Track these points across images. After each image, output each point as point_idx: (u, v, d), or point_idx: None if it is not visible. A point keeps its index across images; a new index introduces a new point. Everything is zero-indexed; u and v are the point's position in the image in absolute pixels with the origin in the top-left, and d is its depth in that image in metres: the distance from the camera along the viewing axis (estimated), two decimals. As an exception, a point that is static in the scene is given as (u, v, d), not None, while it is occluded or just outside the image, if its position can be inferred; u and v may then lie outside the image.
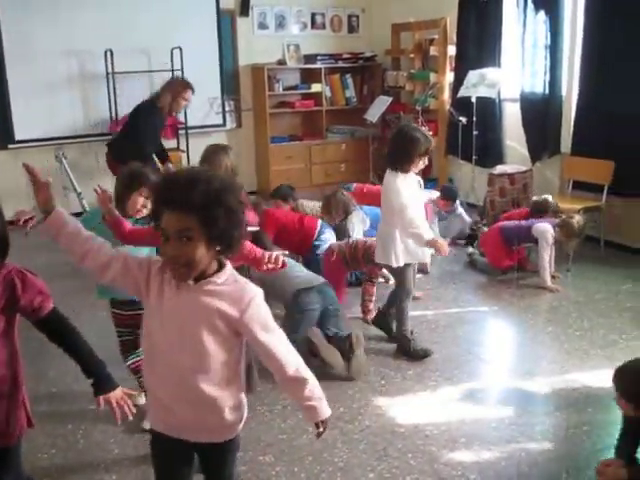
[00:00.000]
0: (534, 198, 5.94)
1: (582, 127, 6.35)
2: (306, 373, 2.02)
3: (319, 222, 5.45)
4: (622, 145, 5.87)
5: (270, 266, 2.89)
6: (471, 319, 4.79)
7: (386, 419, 3.49)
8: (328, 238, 5.36)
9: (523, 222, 5.55)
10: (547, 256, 5.23)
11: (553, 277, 5.38)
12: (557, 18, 6.63)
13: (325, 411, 2.06)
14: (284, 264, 2.96)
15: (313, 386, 2.03)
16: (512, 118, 7.29)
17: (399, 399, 3.69)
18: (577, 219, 5.22)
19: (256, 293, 1.95)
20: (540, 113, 6.87)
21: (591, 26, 6.19)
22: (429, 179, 8.20)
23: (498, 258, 5.54)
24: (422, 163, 4.00)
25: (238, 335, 1.96)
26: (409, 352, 4.14)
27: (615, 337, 4.44)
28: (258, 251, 2.94)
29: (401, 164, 3.96)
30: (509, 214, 6.00)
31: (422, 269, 5.34)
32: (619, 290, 5.24)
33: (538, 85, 6.93)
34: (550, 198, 5.73)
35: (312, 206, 6.06)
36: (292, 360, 2.00)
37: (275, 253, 2.96)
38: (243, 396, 2.07)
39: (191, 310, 1.91)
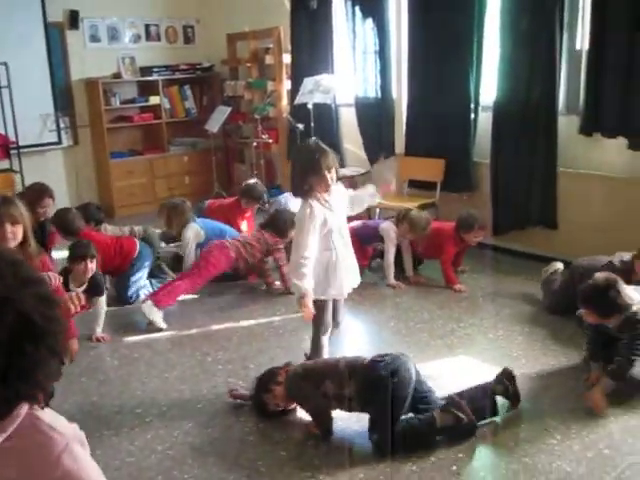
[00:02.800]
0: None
1: (413, 128, 6.64)
2: None
3: (137, 242, 5.45)
4: (450, 143, 6.20)
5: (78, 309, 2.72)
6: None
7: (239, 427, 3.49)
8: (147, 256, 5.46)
9: (370, 222, 5.72)
10: (391, 255, 5.40)
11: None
12: (383, 25, 6.90)
13: None
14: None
15: None
16: (348, 122, 7.52)
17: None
18: (415, 211, 5.42)
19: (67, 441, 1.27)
20: (374, 116, 7.13)
21: (414, 32, 6.48)
22: (273, 187, 8.31)
23: (358, 259, 5.62)
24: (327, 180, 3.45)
25: None
26: None
27: (453, 326, 4.65)
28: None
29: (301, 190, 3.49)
30: None
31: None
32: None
33: (370, 90, 7.19)
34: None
35: (113, 230, 5.90)
36: None
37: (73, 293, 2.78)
38: None
39: None
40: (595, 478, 2.93)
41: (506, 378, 3.42)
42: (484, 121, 6.09)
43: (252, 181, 6.79)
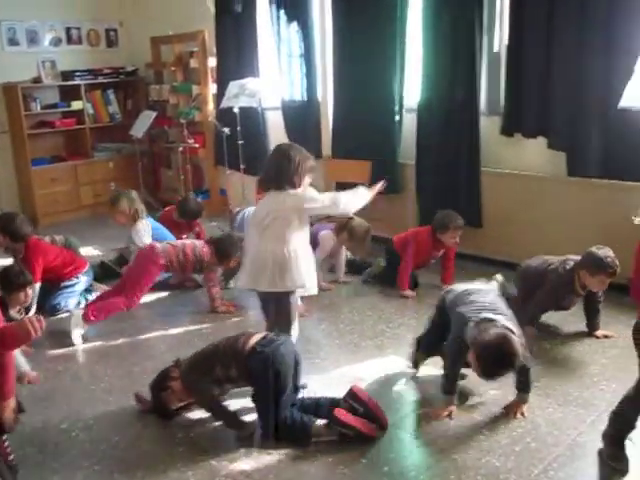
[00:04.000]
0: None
1: (339, 130, 6.68)
2: None
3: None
4: (376, 145, 6.25)
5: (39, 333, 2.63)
6: (251, 326, 4.81)
7: (168, 438, 3.43)
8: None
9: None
10: (320, 260, 5.30)
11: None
12: (308, 28, 6.91)
13: None
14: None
15: None
16: (275, 126, 7.51)
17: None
18: (356, 220, 5.31)
19: None
20: (301, 120, 7.14)
21: (339, 35, 6.53)
22: (201, 191, 8.23)
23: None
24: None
25: None
26: None
27: (383, 327, 4.68)
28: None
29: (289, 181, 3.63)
30: None
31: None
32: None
33: (297, 93, 7.20)
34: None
35: None
36: None
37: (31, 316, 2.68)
38: None
39: None
40: (523, 471, 2.99)
41: (351, 399, 3.37)
42: (409, 123, 6.18)
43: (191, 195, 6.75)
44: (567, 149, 5.26)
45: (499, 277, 4.89)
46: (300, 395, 3.50)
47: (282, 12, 7.11)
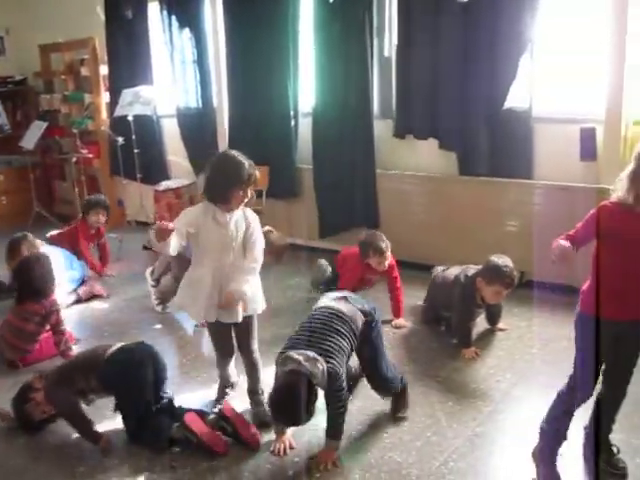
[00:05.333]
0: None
1: (236, 137, 6.66)
2: None
3: None
4: (273, 150, 6.26)
5: None
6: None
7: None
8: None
9: None
10: None
11: None
12: (200, 35, 6.89)
13: None
14: None
15: None
16: (171, 134, 7.44)
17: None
18: (276, 235, 4.95)
19: None
20: (197, 126, 7.11)
21: (231, 42, 6.54)
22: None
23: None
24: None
25: None
26: None
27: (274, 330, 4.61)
28: None
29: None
30: None
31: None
32: (289, 285, 5.56)
33: (192, 100, 7.16)
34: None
35: None
36: None
37: None
38: None
39: None
40: (424, 465, 3.06)
41: (221, 418, 3.32)
42: (305, 127, 6.23)
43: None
44: (457, 149, 5.44)
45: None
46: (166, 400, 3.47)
47: (174, 18, 7.05)
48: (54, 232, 6.22)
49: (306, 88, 6.21)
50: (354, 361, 3.45)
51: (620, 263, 2.60)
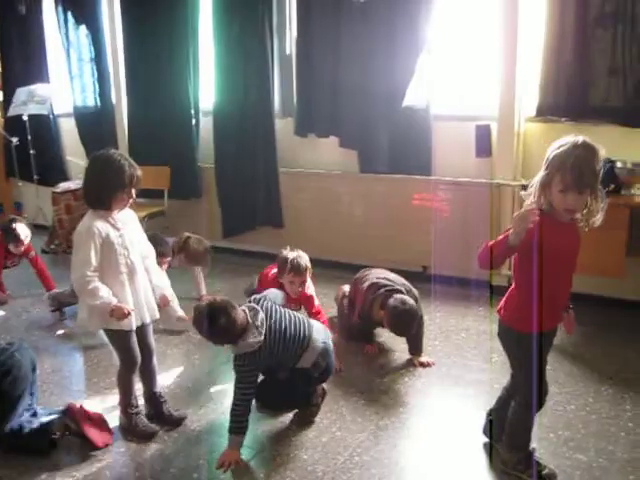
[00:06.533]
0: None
1: (136, 136, 6.55)
2: None
3: None
4: (174, 150, 6.19)
5: None
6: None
7: None
8: None
9: None
10: None
11: None
12: (98, 32, 6.75)
13: None
14: None
15: None
16: (69, 133, 7.23)
17: None
18: (194, 239, 4.89)
19: None
20: (95, 126, 6.95)
21: (130, 40, 6.43)
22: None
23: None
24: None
25: None
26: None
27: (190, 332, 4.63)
28: None
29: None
30: None
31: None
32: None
33: (89, 98, 6.99)
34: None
35: None
36: None
37: None
38: None
39: None
40: (330, 460, 3.08)
41: (67, 417, 3.27)
42: (206, 126, 6.17)
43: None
44: (358, 147, 5.50)
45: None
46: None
47: (69, 14, 6.88)
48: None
49: (207, 86, 6.15)
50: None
51: (550, 275, 2.54)
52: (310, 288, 4.15)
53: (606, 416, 3.34)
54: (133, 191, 3.17)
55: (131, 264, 3.18)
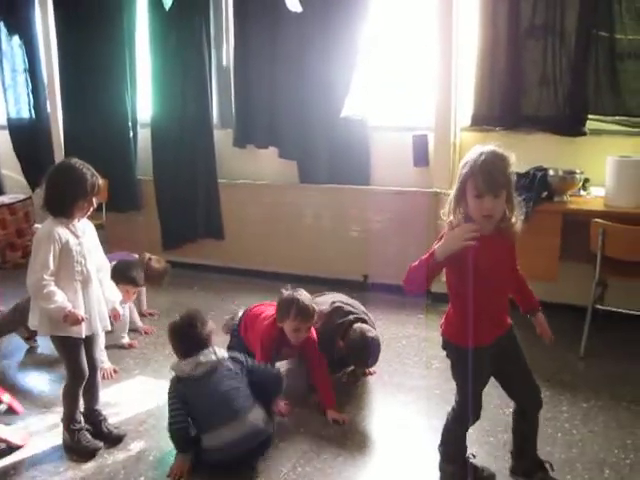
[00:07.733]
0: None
1: (73, 149, 6.31)
2: None
3: None
4: (112, 163, 6.07)
5: None
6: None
7: None
8: None
9: None
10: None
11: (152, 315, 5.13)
12: (32, 42, 6.62)
13: None
14: None
15: None
16: (3, 146, 7.05)
17: None
18: (155, 259, 4.85)
19: None
20: (31, 138, 6.81)
21: (64, 51, 6.31)
22: None
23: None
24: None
25: None
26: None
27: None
28: None
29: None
30: None
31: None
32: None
33: (24, 110, 6.85)
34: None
35: None
36: None
37: None
38: None
39: None
40: (272, 472, 3.08)
41: None
42: (144, 138, 6.11)
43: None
44: (297, 158, 5.53)
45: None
46: None
47: (2, 24, 6.75)
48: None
49: (144, 98, 6.10)
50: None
51: (481, 289, 2.51)
52: (311, 327, 3.69)
53: (543, 418, 3.40)
54: (94, 200, 3.19)
55: (86, 273, 3.18)
